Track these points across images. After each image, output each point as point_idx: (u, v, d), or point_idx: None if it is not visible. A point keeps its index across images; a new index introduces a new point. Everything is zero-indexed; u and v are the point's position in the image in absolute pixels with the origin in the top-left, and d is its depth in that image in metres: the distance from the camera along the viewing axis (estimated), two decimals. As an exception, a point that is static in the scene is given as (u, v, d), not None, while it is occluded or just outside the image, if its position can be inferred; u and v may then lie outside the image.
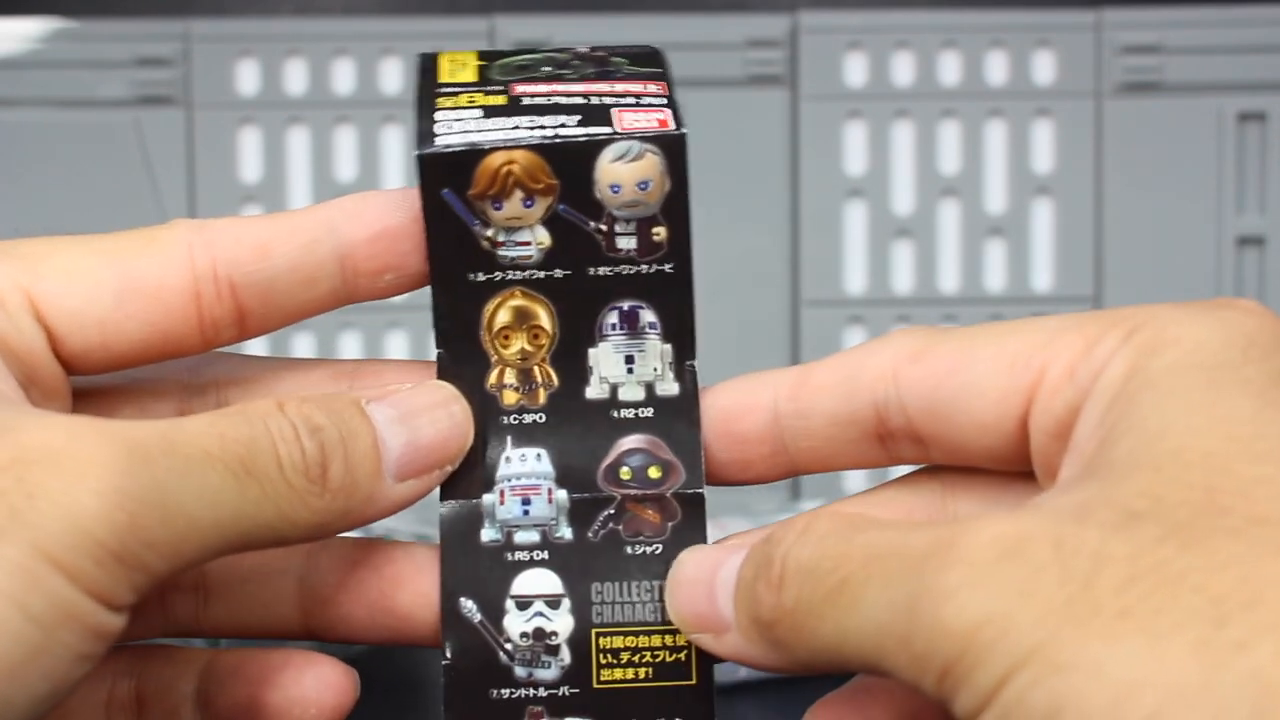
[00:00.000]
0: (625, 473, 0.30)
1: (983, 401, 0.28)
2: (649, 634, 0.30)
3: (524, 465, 0.30)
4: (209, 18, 0.65)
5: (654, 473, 0.30)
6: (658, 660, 0.30)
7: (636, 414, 0.31)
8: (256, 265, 0.30)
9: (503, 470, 0.30)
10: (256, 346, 0.32)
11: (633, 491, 0.30)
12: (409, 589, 0.31)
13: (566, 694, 0.30)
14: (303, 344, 0.64)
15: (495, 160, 0.29)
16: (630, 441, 0.31)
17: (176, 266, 0.29)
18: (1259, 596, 0.21)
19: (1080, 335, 0.27)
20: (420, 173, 0.29)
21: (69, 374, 0.30)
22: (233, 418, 0.27)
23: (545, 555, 0.30)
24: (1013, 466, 0.29)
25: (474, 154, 0.29)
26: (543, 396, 0.31)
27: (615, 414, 0.31)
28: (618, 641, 0.30)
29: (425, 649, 0.31)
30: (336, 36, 0.64)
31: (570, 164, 0.29)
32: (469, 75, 0.31)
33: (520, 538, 0.30)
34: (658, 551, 0.30)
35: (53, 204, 0.63)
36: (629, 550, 0.30)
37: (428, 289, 0.30)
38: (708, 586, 0.29)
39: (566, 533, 0.30)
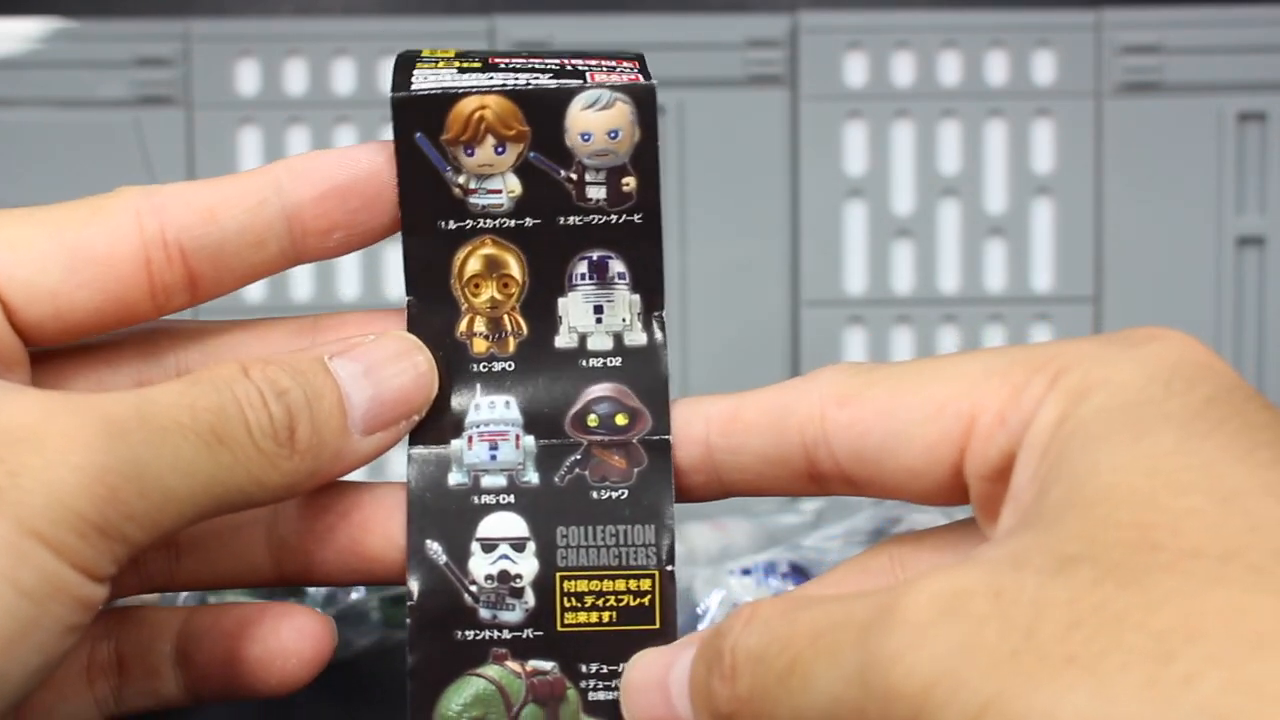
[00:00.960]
0: (592, 420, 0.31)
1: (911, 449, 0.28)
2: (613, 578, 0.30)
3: (492, 412, 0.31)
4: (209, 18, 0.65)
5: (621, 420, 0.31)
6: (621, 604, 0.30)
7: (605, 363, 0.31)
8: (205, 229, 0.30)
9: (471, 417, 0.31)
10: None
11: (599, 437, 0.31)
12: (377, 532, 0.31)
13: (530, 636, 0.30)
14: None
15: (468, 105, 0.30)
16: (598, 390, 0.31)
17: (125, 233, 0.30)
18: (1200, 629, 0.21)
19: (1006, 381, 0.27)
20: (394, 116, 0.30)
21: (25, 345, 0.30)
22: (202, 385, 0.28)
23: (511, 499, 0.30)
24: (947, 503, 0.29)
25: (447, 97, 0.30)
26: (512, 345, 0.31)
27: (584, 363, 0.31)
28: (582, 585, 0.30)
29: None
30: (336, 36, 0.64)
31: (542, 111, 0.30)
32: (448, 54, 0.32)
33: (487, 482, 0.30)
34: (623, 496, 0.30)
35: (52, 204, 0.63)
36: (595, 495, 0.30)
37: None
38: (661, 689, 0.29)
39: (533, 477, 0.30)
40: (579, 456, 0.31)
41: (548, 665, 0.30)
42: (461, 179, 0.30)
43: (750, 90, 0.64)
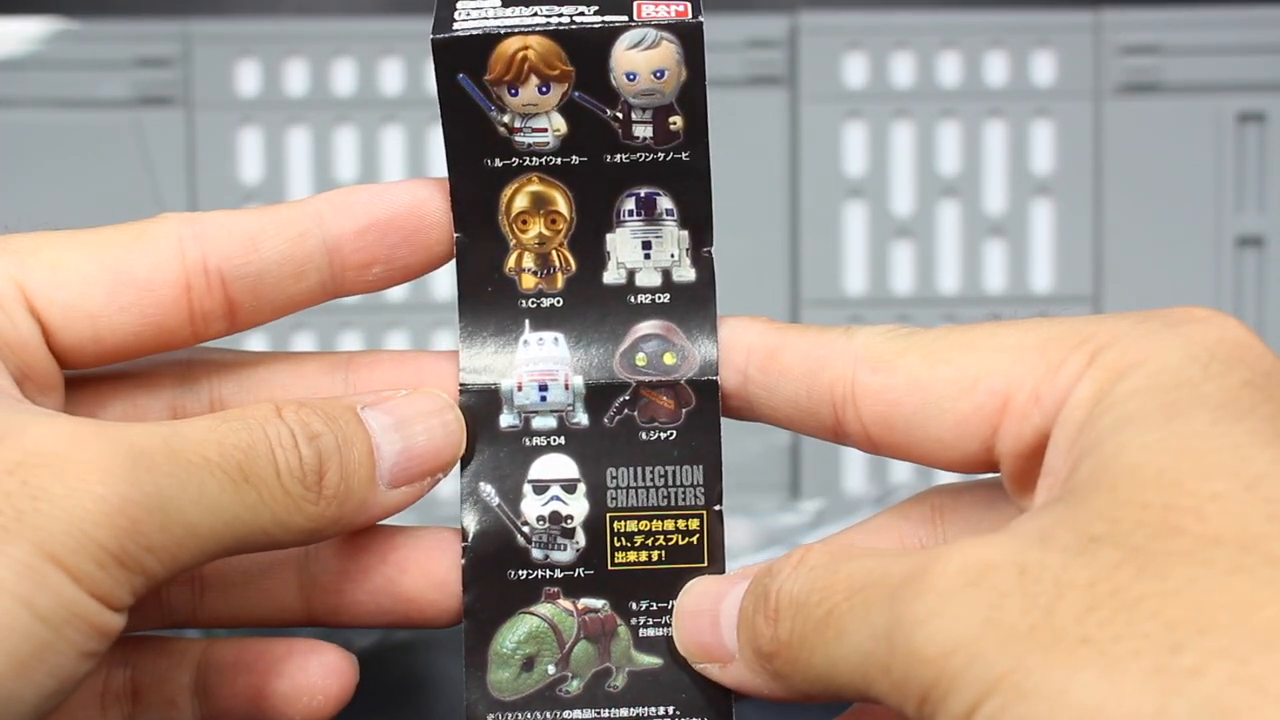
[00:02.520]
0: (641, 359, 0.31)
1: (942, 423, 0.28)
2: (662, 518, 0.31)
3: (541, 350, 0.31)
4: (209, 18, 0.65)
5: (669, 359, 0.31)
6: (670, 543, 0.31)
7: (653, 299, 0.31)
8: (246, 258, 0.30)
9: (520, 355, 0.31)
10: (258, 343, 0.32)
11: (648, 378, 0.31)
12: (415, 573, 0.31)
13: (582, 575, 0.31)
14: (302, 343, 0.64)
15: (510, 45, 0.29)
16: (646, 327, 0.31)
17: (168, 259, 0.30)
18: (1212, 622, 0.21)
19: (1043, 358, 0.27)
20: (435, 57, 0.29)
21: (61, 368, 0.30)
22: (232, 423, 0.28)
23: (561, 440, 0.31)
24: (974, 473, 0.29)
25: (489, 39, 0.29)
26: (560, 281, 0.31)
27: (632, 299, 0.31)
28: (631, 525, 0.31)
29: (424, 650, 0.31)
30: (336, 36, 0.64)
31: (586, 51, 0.30)
32: None
33: (538, 423, 0.31)
34: (671, 437, 0.31)
35: (53, 204, 0.63)
36: (643, 436, 0.31)
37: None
38: (712, 617, 0.29)
39: (583, 418, 0.31)
40: (627, 398, 0.31)
41: (599, 603, 0.31)
42: (506, 118, 0.30)
43: (750, 90, 0.64)
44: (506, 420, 0.31)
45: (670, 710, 0.30)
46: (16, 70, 0.63)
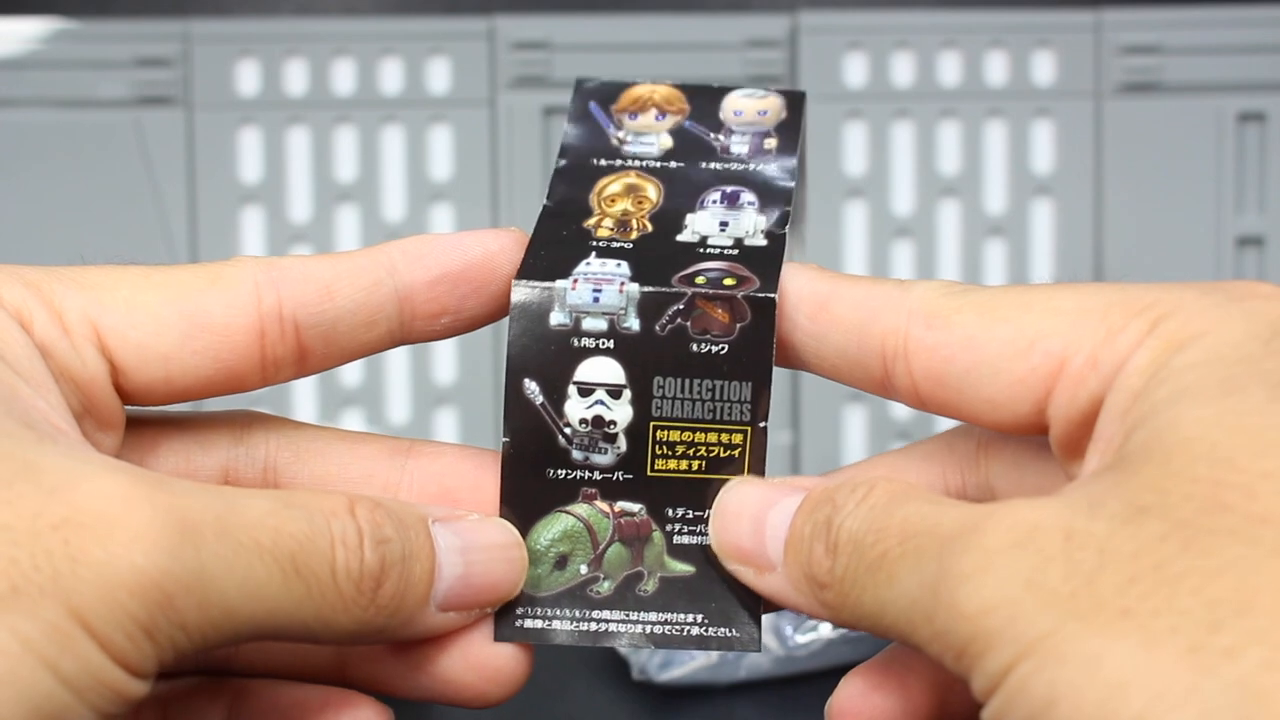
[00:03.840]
0: (700, 280, 0.31)
1: (996, 383, 0.28)
2: (705, 430, 0.31)
3: (603, 267, 0.31)
4: (209, 18, 0.65)
5: (729, 281, 0.31)
6: (712, 455, 0.31)
7: (722, 251, 0.31)
8: (321, 306, 0.30)
9: (580, 268, 0.31)
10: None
11: (704, 290, 0.31)
12: (454, 651, 0.30)
13: (620, 479, 0.31)
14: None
15: (640, 90, 0.34)
16: (711, 264, 0.31)
17: (243, 304, 0.29)
18: (1252, 602, 0.21)
19: (1103, 323, 0.27)
20: (575, 91, 0.34)
21: (125, 404, 0.30)
22: (294, 510, 0.27)
23: (611, 344, 0.30)
24: (1021, 433, 0.29)
25: (624, 84, 0.34)
26: (635, 234, 0.32)
27: (701, 250, 0.31)
28: (674, 435, 0.31)
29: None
30: (336, 36, 0.64)
31: (704, 98, 0.34)
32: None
33: (588, 324, 0.30)
34: (723, 352, 0.30)
35: (53, 204, 0.63)
36: (694, 348, 0.30)
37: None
38: (755, 523, 0.29)
39: (634, 324, 0.30)
40: (681, 307, 0.30)
41: (635, 507, 0.31)
42: (620, 133, 0.33)
43: (750, 90, 0.64)
44: (557, 318, 0.30)
45: (698, 618, 0.31)
46: (16, 70, 0.63)
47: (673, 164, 0.33)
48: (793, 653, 0.53)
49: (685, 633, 0.31)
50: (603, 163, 0.33)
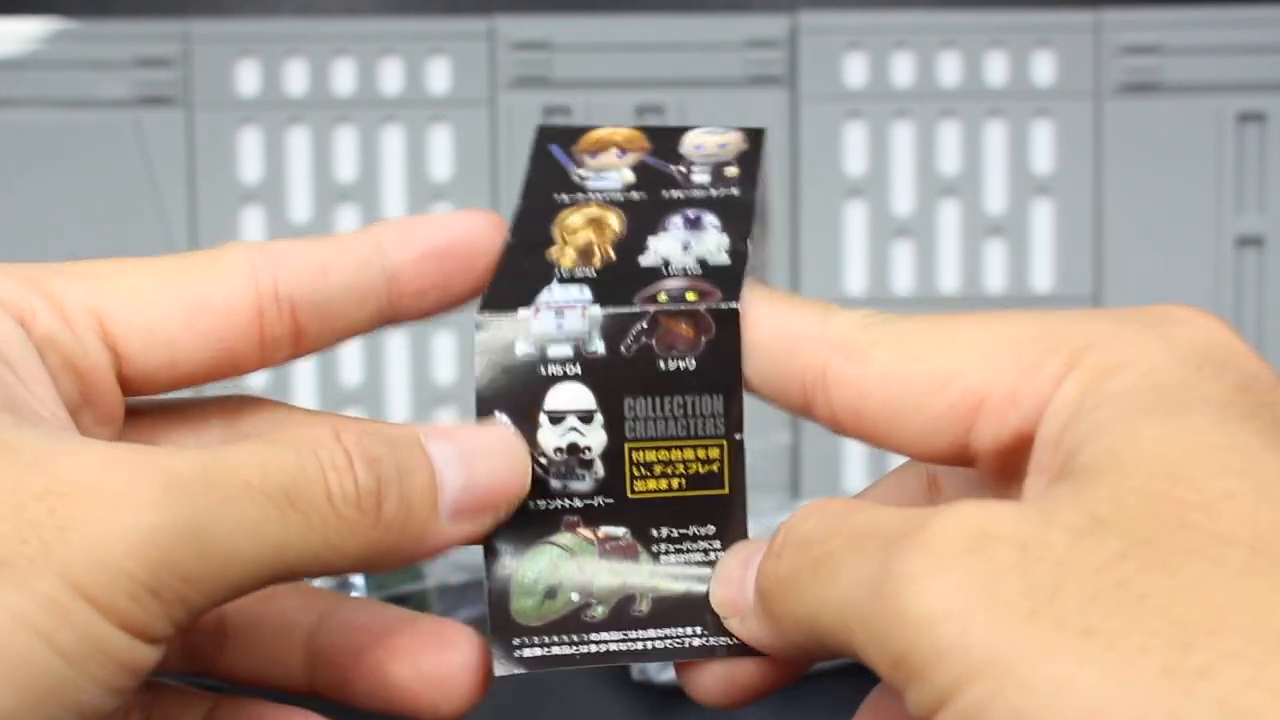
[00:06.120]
0: (662, 297, 0.31)
1: (915, 419, 0.28)
2: (681, 448, 0.30)
3: (565, 293, 0.31)
4: (209, 18, 0.65)
5: (691, 295, 0.31)
6: (690, 472, 0.31)
7: (686, 271, 0.31)
8: (315, 285, 0.30)
9: (542, 296, 0.31)
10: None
11: (666, 306, 0.30)
12: (406, 662, 0.30)
13: (601, 504, 0.30)
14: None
15: (601, 132, 0.34)
16: (673, 283, 0.31)
17: (241, 285, 0.30)
18: (1223, 623, 0.21)
19: (1020, 359, 0.26)
20: (536, 136, 0.34)
21: (126, 394, 0.30)
22: (279, 447, 0.27)
23: (578, 370, 0.30)
24: (947, 464, 0.29)
25: (585, 128, 0.34)
26: (598, 263, 0.32)
27: (664, 271, 0.31)
28: (650, 455, 0.30)
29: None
30: (336, 36, 0.64)
31: (664, 137, 0.34)
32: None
33: (554, 352, 0.30)
34: (691, 367, 0.30)
35: (53, 204, 0.63)
36: (662, 366, 0.30)
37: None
38: (743, 572, 0.29)
39: (599, 347, 0.30)
40: (645, 325, 0.30)
41: (620, 531, 0.31)
42: (581, 170, 0.33)
43: (750, 90, 0.64)
44: (522, 348, 0.30)
45: (698, 630, 0.30)
46: (16, 70, 0.63)
47: (635, 194, 0.33)
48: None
49: (687, 645, 0.30)
50: (564, 197, 0.33)
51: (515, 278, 0.31)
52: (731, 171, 0.33)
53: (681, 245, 0.32)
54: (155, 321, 0.29)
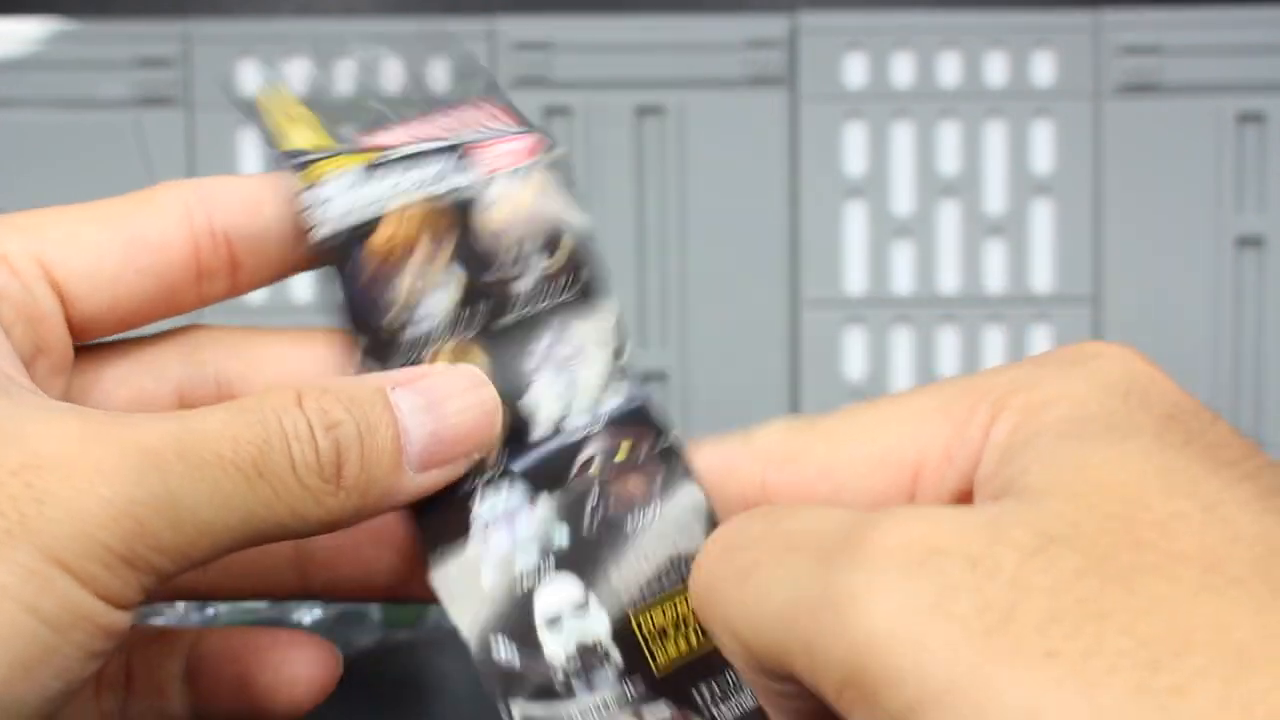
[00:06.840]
0: (595, 470, 0.30)
1: (859, 502, 0.27)
2: (684, 597, 0.29)
3: (494, 507, 0.30)
4: (209, 18, 0.65)
5: (620, 455, 0.30)
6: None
7: (588, 432, 0.30)
8: (249, 219, 0.30)
9: (477, 510, 0.30)
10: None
11: (606, 477, 0.30)
12: (385, 543, 0.31)
13: (633, 693, 0.29)
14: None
15: (384, 232, 0.30)
16: (588, 450, 0.30)
17: (176, 220, 0.30)
18: (1189, 641, 0.21)
19: (948, 418, 0.26)
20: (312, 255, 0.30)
21: (75, 340, 0.30)
22: (248, 415, 0.27)
23: (551, 564, 0.29)
24: None
25: (364, 229, 0.30)
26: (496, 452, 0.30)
27: (564, 433, 0.30)
28: (659, 617, 0.29)
29: (424, 650, 0.31)
30: (337, 37, 0.64)
31: (455, 213, 0.31)
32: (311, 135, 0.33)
33: (521, 563, 0.29)
34: (657, 515, 0.30)
35: (53, 204, 0.63)
36: (629, 527, 0.29)
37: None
38: None
39: (562, 539, 0.30)
40: (595, 502, 0.30)
41: (665, 711, 0.29)
42: (397, 311, 0.30)
43: (750, 91, 0.64)
44: (488, 577, 0.29)
45: None
46: (16, 70, 0.63)
47: (475, 324, 0.30)
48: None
49: None
50: (410, 355, 0.30)
51: (434, 501, 0.29)
52: (550, 267, 0.30)
53: (558, 396, 0.30)
54: (97, 261, 0.30)
